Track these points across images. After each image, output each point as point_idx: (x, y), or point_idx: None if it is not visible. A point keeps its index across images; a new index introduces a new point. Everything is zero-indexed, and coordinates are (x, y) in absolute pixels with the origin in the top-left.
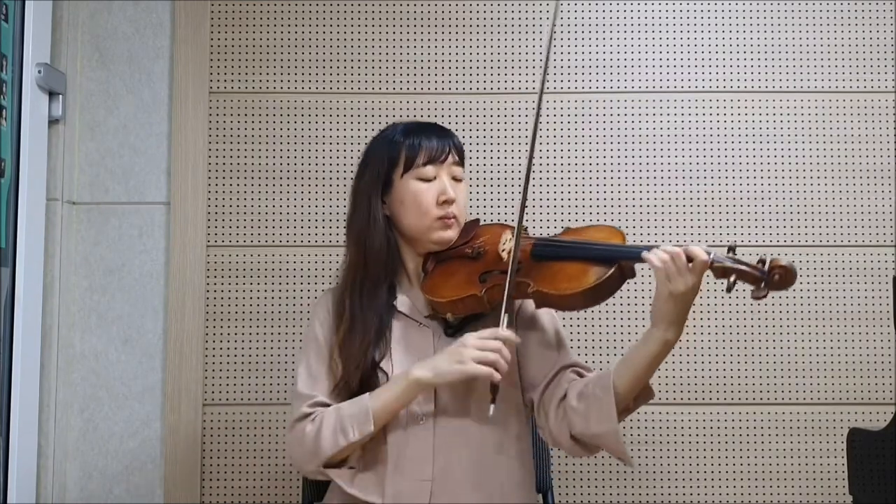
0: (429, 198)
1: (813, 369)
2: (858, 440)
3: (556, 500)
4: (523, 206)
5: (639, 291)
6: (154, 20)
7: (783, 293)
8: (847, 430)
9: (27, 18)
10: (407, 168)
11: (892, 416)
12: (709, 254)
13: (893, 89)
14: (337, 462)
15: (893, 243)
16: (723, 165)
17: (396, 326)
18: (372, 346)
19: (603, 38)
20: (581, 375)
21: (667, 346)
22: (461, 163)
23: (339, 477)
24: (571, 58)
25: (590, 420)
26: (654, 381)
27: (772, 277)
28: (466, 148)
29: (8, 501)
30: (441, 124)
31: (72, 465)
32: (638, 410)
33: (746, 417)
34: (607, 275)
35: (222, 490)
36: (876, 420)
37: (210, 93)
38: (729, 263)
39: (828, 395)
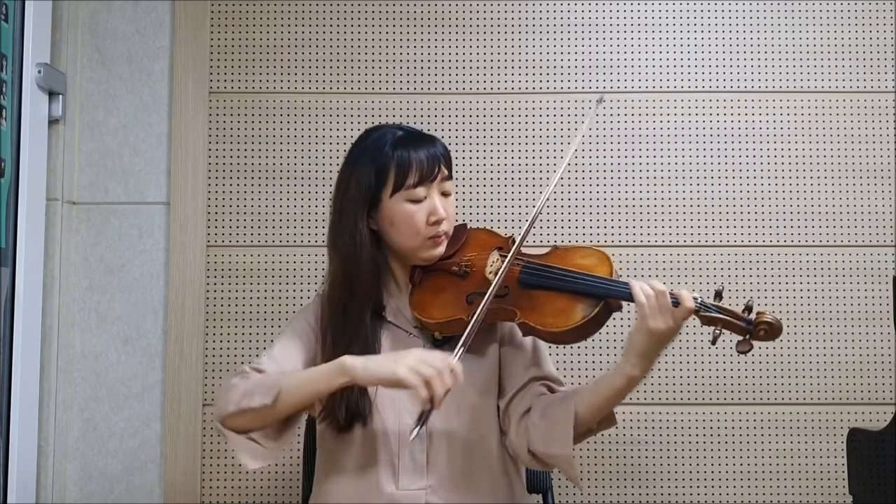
0: (420, 219)
1: (813, 369)
2: (858, 440)
3: (556, 501)
4: (520, 243)
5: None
6: (154, 20)
7: (781, 294)
8: (847, 430)
9: (27, 18)
10: (397, 188)
11: (892, 416)
12: (696, 300)
13: (893, 89)
14: (240, 430)
15: (893, 243)
16: (723, 165)
17: (385, 336)
18: None
19: (603, 38)
20: (551, 389)
21: (632, 382)
22: (450, 175)
23: (233, 441)
24: (571, 58)
25: (548, 442)
26: (653, 381)
27: (757, 332)
28: (464, 148)
29: (8, 501)
30: (427, 131)
31: (72, 466)
32: (638, 410)
33: (746, 417)
34: (594, 313)
35: (222, 490)
36: (876, 420)
37: (210, 93)
38: (715, 313)
39: (828, 395)
